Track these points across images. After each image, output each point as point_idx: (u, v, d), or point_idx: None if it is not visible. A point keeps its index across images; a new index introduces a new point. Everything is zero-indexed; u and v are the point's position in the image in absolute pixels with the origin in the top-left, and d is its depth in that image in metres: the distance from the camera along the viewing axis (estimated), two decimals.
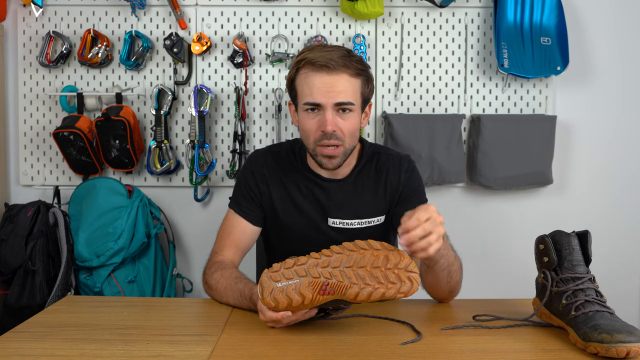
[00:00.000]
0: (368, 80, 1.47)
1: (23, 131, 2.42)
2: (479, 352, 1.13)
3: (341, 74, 1.40)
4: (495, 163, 2.33)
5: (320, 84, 1.40)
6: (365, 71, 1.45)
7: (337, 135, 1.42)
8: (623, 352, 1.04)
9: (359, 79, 1.44)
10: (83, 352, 1.11)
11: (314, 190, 1.55)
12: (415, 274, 1.17)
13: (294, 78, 1.46)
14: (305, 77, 1.43)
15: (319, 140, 1.43)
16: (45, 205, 2.22)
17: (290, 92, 1.50)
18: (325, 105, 1.41)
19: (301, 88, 1.44)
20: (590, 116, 2.46)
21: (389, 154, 1.60)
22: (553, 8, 2.34)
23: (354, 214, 1.54)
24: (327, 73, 1.40)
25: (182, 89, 2.40)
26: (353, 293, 1.15)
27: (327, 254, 1.20)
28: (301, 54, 1.45)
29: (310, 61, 1.41)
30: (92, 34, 2.33)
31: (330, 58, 1.40)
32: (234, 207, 1.58)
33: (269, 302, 1.18)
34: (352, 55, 1.44)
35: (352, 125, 1.44)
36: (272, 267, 1.22)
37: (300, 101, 1.45)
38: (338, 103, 1.41)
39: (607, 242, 2.41)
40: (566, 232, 1.24)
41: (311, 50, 1.44)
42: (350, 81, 1.42)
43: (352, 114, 1.44)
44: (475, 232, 2.47)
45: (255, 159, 1.61)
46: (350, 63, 1.41)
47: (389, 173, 1.56)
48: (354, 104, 1.43)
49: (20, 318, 1.37)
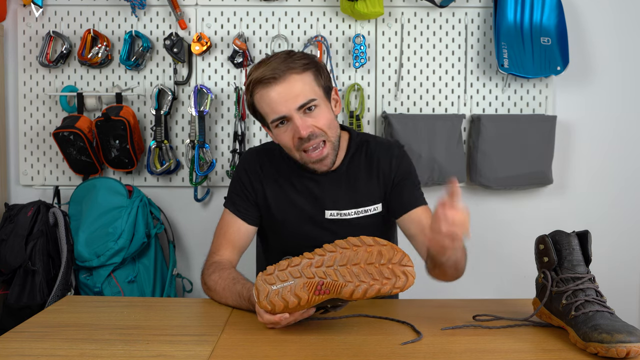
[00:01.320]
0: (319, 70, 1.45)
1: (23, 131, 2.42)
2: (479, 352, 1.13)
3: (289, 77, 1.40)
4: (495, 163, 2.33)
5: (275, 97, 1.40)
6: (311, 63, 1.44)
7: (315, 133, 1.42)
8: (623, 352, 1.04)
9: (308, 72, 1.43)
10: (83, 352, 1.11)
11: (308, 185, 1.55)
12: (410, 268, 1.17)
13: (252, 103, 1.46)
14: (260, 97, 1.43)
15: (299, 146, 1.43)
16: (45, 205, 2.22)
17: (256, 117, 1.50)
18: (290, 113, 1.40)
19: (262, 109, 1.44)
20: (590, 116, 2.46)
21: (378, 141, 1.60)
22: (553, 8, 2.34)
23: (350, 204, 1.55)
24: (276, 83, 1.39)
25: (182, 89, 2.40)
26: (348, 291, 1.15)
27: (320, 253, 1.20)
28: (248, 78, 1.45)
29: (258, 80, 1.41)
30: (92, 34, 2.33)
31: (273, 68, 1.40)
32: (229, 206, 1.59)
33: (265, 305, 1.18)
34: (293, 54, 1.44)
35: (324, 118, 1.44)
36: (266, 270, 1.21)
37: (268, 121, 1.45)
38: (300, 106, 1.40)
39: (607, 242, 2.41)
40: (566, 232, 1.24)
41: (256, 69, 1.44)
42: (301, 79, 1.41)
43: (319, 108, 1.43)
44: (475, 232, 2.43)
45: (249, 157, 1.62)
46: (293, 62, 1.41)
47: (380, 160, 1.56)
48: (316, 99, 1.42)
49: (20, 318, 1.37)
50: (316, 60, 1.47)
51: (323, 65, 1.48)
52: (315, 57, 1.49)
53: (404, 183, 1.56)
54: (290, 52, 1.45)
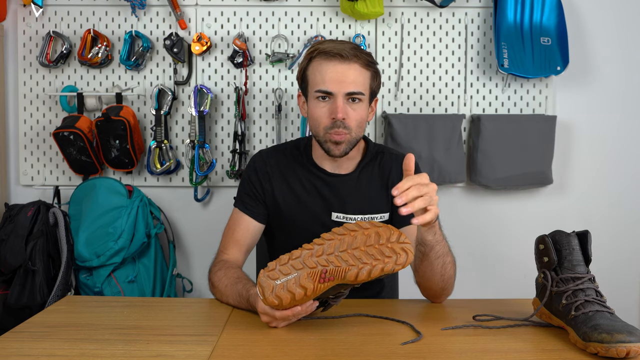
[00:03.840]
0: (377, 75, 1.53)
1: (23, 131, 2.42)
2: (479, 352, 1.13)
3: (352, 64, 1.46)
4: (495, 163, 2.33)
5: (332, 73, 1.45)
6: (374, 65, 1.51)
7: (345, 124, 1.47)
8: (623, 352, 1.04)
9: (369, 70, 1.49)
10: (83, 352, 1.11)
11: (317, 185, 1.58)
12: (408, 245, 1.18)
13: (306, 67, 1.51)
14: (318, 65, 1.48)
15: (329, 127, 1.48)
16: (45, 205, 2.22)
17: (301, 82, 1.55)
18: (337, 94, 1.46)
19: (313, 76, 1.49)
20: (590, 116, 2.46)
21: (392, 153, 1.64)
22: (553, 8, 2.34)
23: (357, 209, 1.57)
24: (340, 62, 1.45)
25: (182, 89, 2.40)
26: (353, 274, 1.15)
27: (319, 242, 1.21)
28: (313, 46, 1.51)
29: (323, 51, 1.47)
30: (92, 34, 2.33)
31: (343, 48, 1.45)
32: (238, 205, 1.61)
33: (272, 300, 1.18)
34: (361, 49, 1.50)
35: (360, 115, 1.49)
36: (267, 267, 1.22)
37: (311, 89, 1.50)
38: (349, 93, 1.46)
39: (607, 242, 2.41)
40: (566, 232, 1.24)
41: (322, 43, 1.50)
42: (361, 72, 1.47)
43: (361, 104, 1.49)
44: (475, 232, 2.47)
45: (258, 157, 1.65)
46: (361, 55, 1.47)
47: (391, 172, 1.60)
48: (364, 94, 1.48)
49: (20, 318, 1.37)
50: (378, 66, 1.54)
51: (380, 74, 1.55)
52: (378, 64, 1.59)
53: None
54: (359, 45, 1.52)
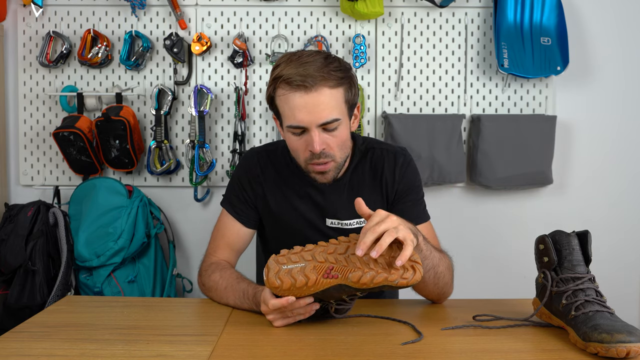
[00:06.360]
0: (351, 85, 1.38)
1: (23, 131, 2.42)
2: (479, 352, 1.13)
3: (321, 90, 1.31)
4: (495, 163, 2.33)
5: (300, 106, 1.32)
6: (346, 78, 1.36)
7: (326, 153, 1.37)
8: (623, 352, 1.04)
9: (341, 88, 1.35)
10: (83, 352, 1.11)
11: (309, 192, 1.52)
12: (419, 264, 1.17)
13: (273, 97, 1.38)
14: (284, 98, 1.34)
15: (309, 159, 1.39)
16: (45, 205, 2.22)
17: (271, 107, 1.41)
18: (309, 127, 1.34)
19: (282, 109, 1.36)
20: (590, 116, 2.46)
21: (383, 148, 1.55)
22: (553, 8, 2.34)
23: (351, 214, 1.51)
24: (306, 92, 1.31)
25: (182, 89, 2.40)
26: (356, 276, 1.15)
27: (335, 242, 1.23)
28: (277, 68, 1.35)
29: (287, 80, 1.32)
30: (92, 34, 2.33)
31: (307, 74, 1.30)
32: (227, 207, 1.56)
33: (274, 281, 1.18)
34: (330, 62, 1.34)
35: (340, 139, 1.38)
36: (279, 253, 1.24)
37: (283, 122, 1.39)
38: (322, 124, 1.34)
39: (607, 242, 2.41)
40: (566, 232, 1.24)
41: (287, 64, 1.33)
42: (332, 94, 1.33)
43: (340, 126, 1.37)
44: (475, 232, 2.47)
45: (250, 158, 1.57)
46: (329, 74, 1.32)
47: (384, 169, 1.52)
48: (340, 119, 1.35)
49: (20, 318, 1.37)
50: (351, 73, 1.39)
51: (355, 80, 1.41)
52: (351, 69, 1.40)
53: (407, 199, 1.52)
54: (327, 57, 1.34)
